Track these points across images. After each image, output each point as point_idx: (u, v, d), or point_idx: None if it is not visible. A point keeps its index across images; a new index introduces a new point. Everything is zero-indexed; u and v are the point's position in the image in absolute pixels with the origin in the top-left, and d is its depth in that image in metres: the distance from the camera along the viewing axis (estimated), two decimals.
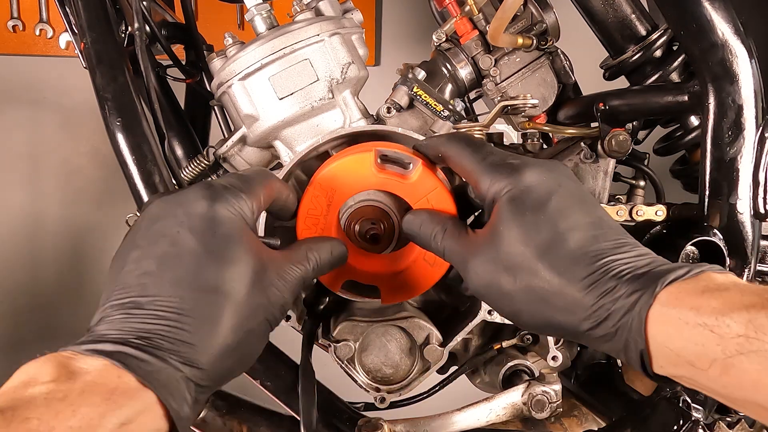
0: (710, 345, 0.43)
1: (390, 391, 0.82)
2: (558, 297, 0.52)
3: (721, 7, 0.80)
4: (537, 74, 0.97)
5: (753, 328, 0.41)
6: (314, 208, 0.71)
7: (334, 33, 0.78)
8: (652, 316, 0.47)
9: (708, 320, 0.43)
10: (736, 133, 0.81)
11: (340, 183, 0.70)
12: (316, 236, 0.70)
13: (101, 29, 0.80)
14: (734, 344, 0.42)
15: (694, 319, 0.44)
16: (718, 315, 0.43)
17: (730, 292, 0.44)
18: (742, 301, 0.43)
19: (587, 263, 0.51)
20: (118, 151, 0.77)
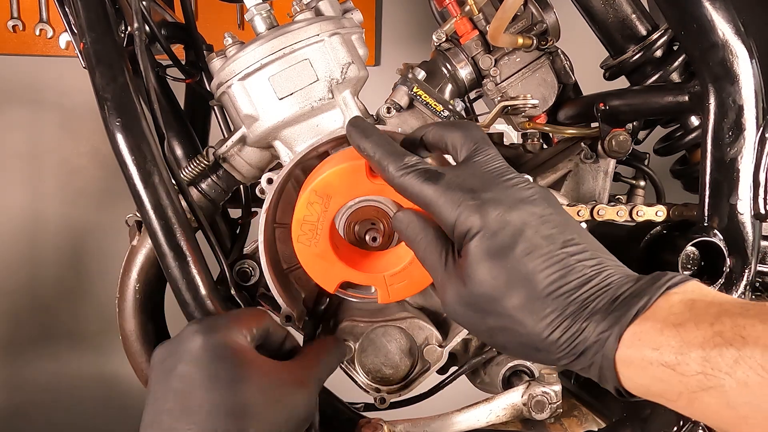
0: (674, 382, 0.46)
1: (390, 391, 0.82)
2: (532, 338, 0.54)
3: (721, 7, 0.80)
4: (537, 74, 0.97)
5: (709, 366, 0.44)
6: (310, 215, 0.71)
7: (334, 33, 0.78)
8: (619, 357, 0.50)
9: (669, 359, 0.46)
10: (737, 134, 0.81)
11: (335, 190, 0.70)
12: (322, 341, 0.75)
13: (101, 29, 0.80)
14: (694, 381, 0.45)
15: (656, 359, 0.47)
16: (677, 354, 0.46)
17: (687, 328, 0.46)
18: (697, 337, 0.45)
19: (556, 306, 0.52)
20: (118, 151, 0.77)
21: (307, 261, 0.73)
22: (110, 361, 1.83)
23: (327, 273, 0.73)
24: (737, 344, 0.43)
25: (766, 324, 0.43)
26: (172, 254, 0.77)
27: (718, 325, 0.45)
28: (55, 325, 1.86)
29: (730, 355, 0.43)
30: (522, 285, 0.53)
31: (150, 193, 0.77)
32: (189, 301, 0.78)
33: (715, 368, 0.44)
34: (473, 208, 0.55)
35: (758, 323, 0.44)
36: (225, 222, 0.99)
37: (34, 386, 1.87)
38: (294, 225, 0.72)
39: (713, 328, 0.45)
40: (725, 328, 0.44)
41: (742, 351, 0.43)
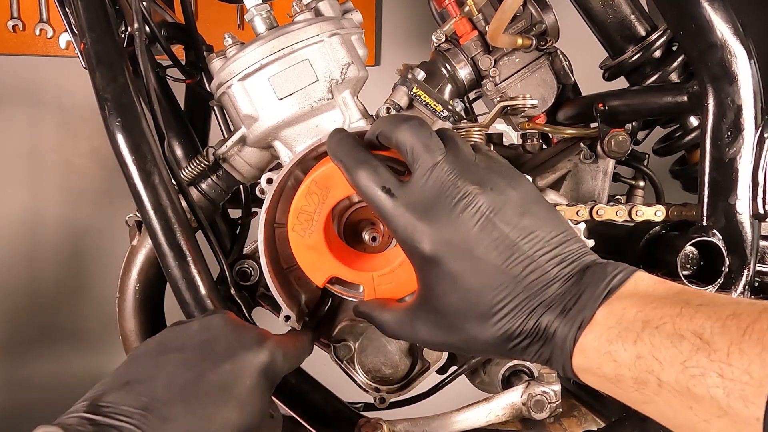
0: (621, 395, 0.52)
1: (389, 391, 0.82)
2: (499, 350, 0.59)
3: (720, 7, 0.80)
4: (536, 75, 0.97)
5: (640, 388, 0.49)
6: (308, 205, 0.72)
7: (334, 33, 0.78)
8: (575, 368, 0.55)
9: (610, 377, 0.51)
10: (736, 134, 0.81)
11: (335, 183, 0.71)
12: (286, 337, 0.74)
13: (101, 30, 0.80)
14: (634, 398, 0.51)
15: (602, 376, 0.52)
16: (615, 374, 0.51)
17: (617, 348, 0.51)
18: (625, 360, 0.50)
19: (513, 320, 0.56)
20: (118, 151, 0.77)
21: (299, 251, 0.73)
22: (110, 361, 1.83)
23: (317, 265, 0.73)
24: (656, 370, 0.48)
25: (676, 346, 0.47)
26: (172, 254, 0.78)
27: (639, 345, 0.49)
28: (55, 325, 1.86)
29: (653, 380, 0.48)
30: (475, 303, 0.57)
31: (150, 193, 0.77)
32: (189, 300, 0.79)
33: (646, 389, 0.49)
34: (426, 236, 0.58)
35: (670, 345, 0.47)
36: (225, 222, 0.99)
37: (34, 386, 1.87)
38: (291, 214, 0.72)
39: (636, 348, 0.49)
40: (644, 350, 0.49)
41: (660, 377, 0.47)
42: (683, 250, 0.83)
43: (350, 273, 0.74)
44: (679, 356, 0.46)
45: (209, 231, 0.84)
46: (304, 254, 0.73)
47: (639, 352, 0.49)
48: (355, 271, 0.74)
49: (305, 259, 0.73)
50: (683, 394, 0.46)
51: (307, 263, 0.73)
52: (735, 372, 0.43)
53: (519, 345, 0.57)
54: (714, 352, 0.45)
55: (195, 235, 0.81)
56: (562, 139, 1.04)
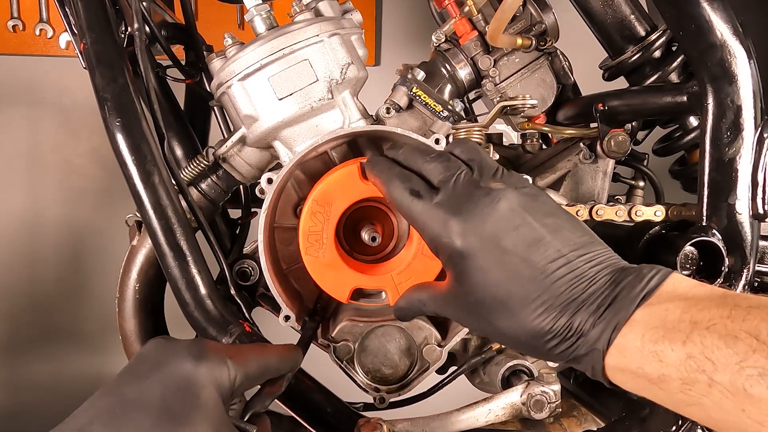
0: (660, 395, 0.52)
1: (389, 391, 0.82)
2: (530, 352, 0.60)
3: (719, 7, 0.80)
4: (536, 75, 0.97)
5: (687, 388, 0.49)
6: (314, 225, 0.73)
7: (334, 33, 0.78)
8: (608, 366, 0.55)
9: (652, 376, 0.51)
10: (735, 134, 0.81)
11: (334, 196, 0.73)
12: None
13: (101, 30, 0.80)
14: (678, 398, 0.50)
15: (641, 374, 0.52)
16: (658, 372, 0.51)
17: (662, 348, 0.50)
18: (673, 360, 0.50)
19: (542, 322, 0.56)
20: (118, 151, 0.77)
21: (317, 272, 0.74)
22: (110, 361, 1.83)
23: (338, 282, 0.74)
24: (708, 370, 0.47)
25: (730, 347, 0.47)
26: (171, 254, 0.78)
27: (689, 345, 0.49)
28: (55, 324, 1.86)
29: (704, 380, 0.48)
30: (505, 297, 0.57)
31: (150, 193, 0.77)
32: (189, 300, 0.79)
33: (693, 390, 0.48)
34: (456, 231, 0.59)
35: (723, 346, 0.47)
36: (225, 222, 0.99)
37: (34, 386, 1.87)
38: (301, 238, 0.74)
39: (685, 348, 0.49)
40: (695, 350, 0.48)
41: (712, 377, 0.47)
42: (683, 250, 0.83)
43: (371, 280, 0.75)
44: (734, 357, 0.46)
45: (209, 231, 0.85)
46: (322, 274, 0.74)
47: (689, 352, 0.48)
48: (374, 276, 0.75)
49: (325, 279, 0.74)
50: (737, 395, 0.46)
51: (328, 282, 0.74)
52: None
53: (548, 342, 0.56)
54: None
55: (195, 235, 0.81)
56: (561, 139, 1.04)
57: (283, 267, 0.86)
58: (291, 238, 0.84)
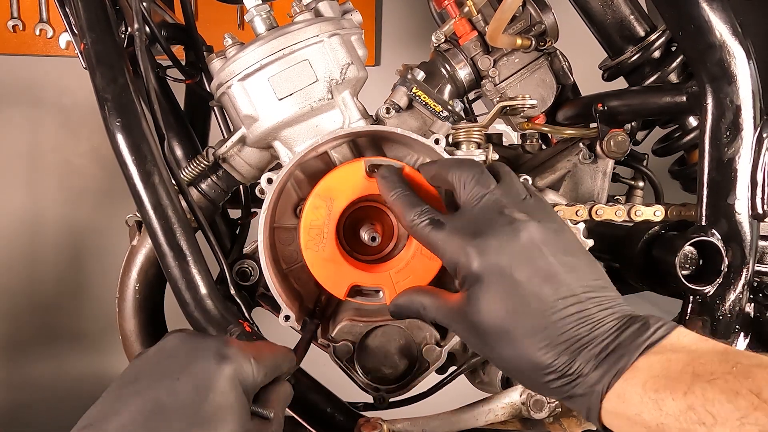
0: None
1: (389, 390, 0.82)
2: (528, 383, 0.60)
3: (719, 8, 0.80)
4: (536, 75, 0.97)
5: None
6: (316, 219, 0.74)
7: (334, 34, 0.78)
8: (605, 409, 0.55)
9: (650, 425, 0.51)
10: (734, 134, 0.81)
11: (336, 192, 0.74)
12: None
13: (101, 30, 0.81)
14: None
15: (639, 421, 0.52)
16: (657, 423, 0.51)
17: (663, 397, 0.51)
18: (673, 409, 0.50)
19: (545, 355, 0.57)
20: (118, 151, 0.77)
21: (316, 266, 0.74)
22: (110, 361, 1.83)
23: (336, 277, 0.74)
24: (708, 422, 0.48)
25: (731, 402, 0.47)
26: (171, 254, 0.78)
27: (690, 397, 0.49)
28: (55, 324, 1.86)
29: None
30: (516, 330, 0.58)
31: (150, 193, 0.77)
32: (189, 300, 0.79)
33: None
34: (473, 255, 0.60)
35: (725, 401, 0.48)
36: (225, 222, 0.99)
37: (34, 386, 1.87)
38: (302, 232, 0.74)
39: (686, 399, 0.50)
40: (697, 402, 0.49)
41: (712, 430, 0.48)
42: (682, 250, 0.83)
43: (369, 277, 0.75)
44: (736, 412, 0.47)
45: (209, 231, 0.85)
46: (321, 268, 0.74)
47: (690, 403, 0.49)
48: (372, 274, 0.75)
49: (324, 273, 0.75)
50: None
51: (326, 277, 0.75)
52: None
53: (547, 376, 0.57)
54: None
55: (195, 235, 0.81)
56: (561, 139, 1.04)
57: (283, 267, 0.86)
58: (291, 238, 0.84)
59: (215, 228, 0.95)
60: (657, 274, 0.88)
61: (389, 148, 0.83)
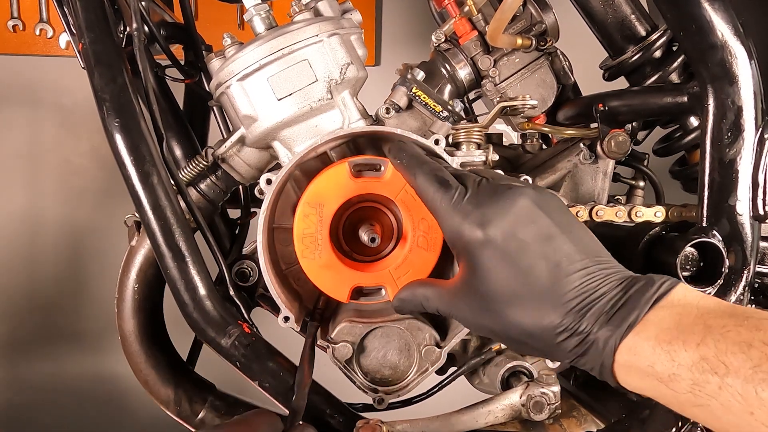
0: (667, 395, 0.53)
1: (388, 392, 0.82)
2: (538, 345, 0.60)
3: (720, 7, 0.80)
4: (536, 75, 0.97)
5: (697, 389, 0.50)
6: (308, 227, 0.74)
7: (333, 33, 0.78)
8: (617, 364, 0.56)
9: (662, 375, 0.52)
10: (736, 135, 0.81)
11: (324, 197, 0.74)
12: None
13: (100, 30, 0.80)
14: (685, 398, 0.51)
15: (651, 373, 0.53)
16: (669, 372, 0.52)
17: (675, 348, 0.52)
18: (686, 359, 0.51)
19: (555, 314, 0.58)
20: (116, 151, 0.77)
21: (314, 273, 0.74)
22: (109, 361, 1.83)
23: (336, 281, 0.74)
24: (720, 372, 0.48)
25: (744, 353, 0.48)
26: (170, 255, 0.78)
27: (703, 348, 0.50)
28: (54, 325, 1.86)
29: (715, 382, 0.49)
30: (522, 291, 0.59)
31: (148, 193, 0.77)
32: (187, 301, 0.79)
33: (703, 391, 0.49)
34: (476, 221, 0.61)
35: (738, 351, 0.48)
36: (224, 222, 0.99)
37: (33, 386, 1.87)
38: (296, 241, 0.74)
39: (699, 350, 0.50)
40: (710, 353, 0.49)
41: (724, 379, 0.48)
42: (683, 251, 0.83)
43: (369, 277, 0.75)
44: (749, 362, 0.47)
45: (208, 231, 0.84)
46: (320, 275, 0.74)
47: (703, 354, 0.50)
48: (372, 273, 0.75)
49: (323, 280, 0.75)
50: (748, 398, 0.47)
51: (326, 283, 0.75)
52: None
53: (559, 336, 0.57)
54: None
55: (194, 236, 0.81)
56: (561, 139, 1.04)
57: (283, 267, 0.85)
58: (290, 239, 0.84)
59: (214, 228, 0.95)
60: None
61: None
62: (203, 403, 0.90)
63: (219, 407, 0.91)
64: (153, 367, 0.89)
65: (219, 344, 0.79)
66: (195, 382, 0.92)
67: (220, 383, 0.94)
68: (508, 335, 0.61)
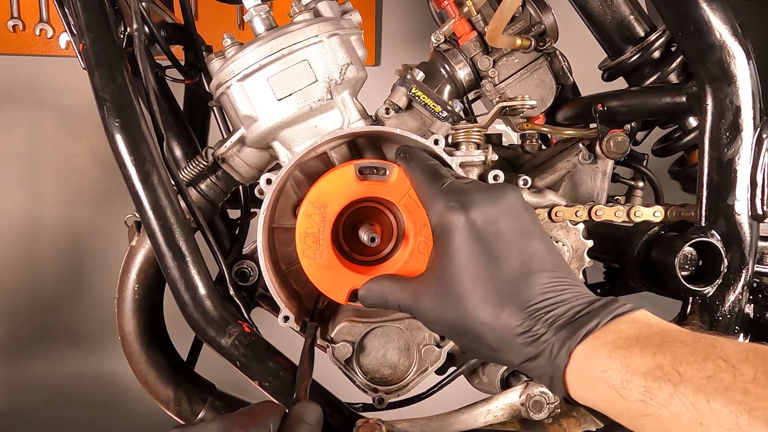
0: (617, 403, 0.51)
1: (388, 391, 0.82)
2: (493, 339, 0.59)
3: (718, 8, 0.80)
4: (535, 75, 0.97)
5: (648, 396, 0.49)
6: (311, 227, 0.74)
7: (333, 34, 0.78)
8: (570, 370, 0.55)
9: (614, 382, 0.51)
10: (734, 135, 0.81)
11: (329, 197, 0.74)
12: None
13: (100, 30, 0.80)
14: (635, 407, 0.50)
15: (603, 379, 0.52)
16: (622, 378, 0.51)
17: (632, 354, 0.51)
18: (641, 366, 0.50)
19: (517, 309, 0.58)
20: (117, 152, 0.77)
21: (314, 273, 0.74)
22: (109, 361, 1.83)
23: (335, 283, 0.74)
24: (674, 380, 0.48)
25: (699, 363, 0.48)
26: (170, 254, 0.78)
27: (659, 356, 0.50)
28: (54, 325, 1.86)
29: (667, 390, 0.48)
30: (485, 285, 0.59)
31: (149, 193, 0.77)
32: (188, 301, 0.79)
33: (654, 399, 0.49)
34: (462, 203, 0.62)
35: (693, 362, 0.48)
36: (224, 222, 0.99)
37: (33, 386, 1.87)
38: (297, 240, 0.74)
39: (655, 359, 0.50)
40: (665, 361, 0.49)
41: (677, 388, 0.48)
42: (682, 250, 0.83)
43: (367, 280, 0.75)
44: (703, 372, 0.47)
45: (208, 231, 0.84)
46: (320, 276, 0.74)
47: (659, 362, 0.49)
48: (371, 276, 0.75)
49: (323, 280, 0.75)
50: (698, 407, 0.46)
51: (326, 284, 0.75)
52: (760, 392, 0.44)
53: (514, 331, 0.57)
54: (740, 374, 0.45)
55: (194, 236, 0.81)
56: (561, 139, 1.04)
57: (282, 267, 0.86)
58: (290, 239, 0.84)
59: (214, 228, 0.95)
60: (656, 275, 0.88)
61: (388, 149, 0.83)
62: (203, 403, 0.91)
63: (219, 407, 0.91)
64: (153, 367, 0.89)
65: (219, 344, 0.80)
66: (195, 382, 0.93)
67: (220, 383, 0.94)
68: (466, 327, 0.60)
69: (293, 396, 0.74)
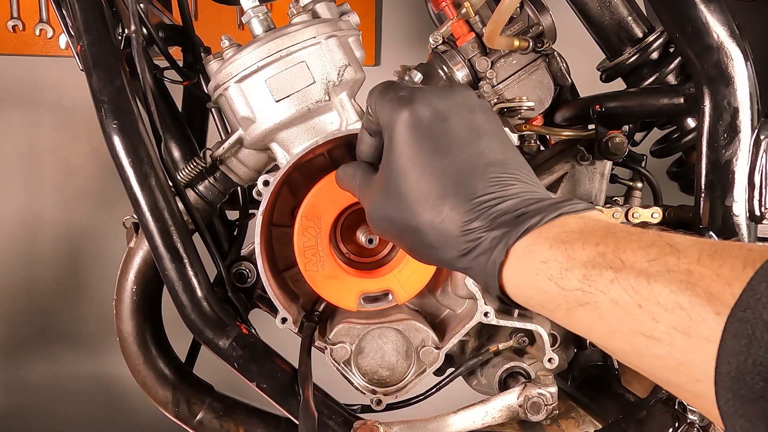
0: (555, 295, 0.49)
1: (386, 393, 0.82)
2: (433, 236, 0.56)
3: (716, 9, 0.80)
4: (533, 76, 0.97)
5: (587, 283, 0.46)
6: (308, 240, 0.75)
7: (331, 35, 0.78)
8: (508, 266, 0.52)
9: (553, 272, 0.49)
10: (732, 136, 0.81)
11: (321, 209, 0.74)
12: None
13: (98, 31, 0.81)
14: (573, 297, 0.47)
15: (542, 271, 0.49)
16: (561, 269, 0.48)
17: (574, 246, 0.48)
18: (582, 256, 0.47)
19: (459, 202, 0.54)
20: (115, 153, 0.77)
21: (319, 285, 0.75)
22: (108, 363, 1.83)
23: (343, 291, 0.75)
24: (616, 266, 0.45)
25: (643, 249, 0.45)
26: (168, 256, 0.78)
27: (602, 246, 0.47)
28: (52, 326, 1.86)
29: (607, 275, 0.45)
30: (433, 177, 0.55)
31: (147, 195, 0.77)
32: (186, 303, 0.79)
33: (593, 286, 0.46)
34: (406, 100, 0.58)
35: (637, 248, 0.45)
36: (222, 224, 0.99)
37: (32, 387, 1.87)
38: (297, 256, 0.75)
39: (597, 248, 0.47)
40: (608, 250, 0.46)
41: (618, 273, 0.45)
42: None
43: (374, 283, 0.76)
44: (646, 256, 0.44)
45: (206, 233, 0.85)
46: (326, 286, 0.75)
47: (601, 251, 0.47)
48: (377, 279, 0.76)
49: (329, 291, 0.75)
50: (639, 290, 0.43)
51: (333, 293, 0.75)
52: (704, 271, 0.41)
53: (455, 234, 0.54)
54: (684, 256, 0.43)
55: (192, 238, 0.81)
56: (559, 140, 1.04)
57: (281, 269, 0.86)
58: (288, 238, 0.84)
59: (213, 230, 0.95)
60: None
61: None
62: (201, 405, 0.91)
63: (217, 408, 0.91)
64: (151, 369, 0.89)
65: (217, 345, 0.80)
66: (193, 384, 0.92)
67: (219, 384, 0.94)
68: (408, 224, 0.57)
69: (294, 398, 0.74)
